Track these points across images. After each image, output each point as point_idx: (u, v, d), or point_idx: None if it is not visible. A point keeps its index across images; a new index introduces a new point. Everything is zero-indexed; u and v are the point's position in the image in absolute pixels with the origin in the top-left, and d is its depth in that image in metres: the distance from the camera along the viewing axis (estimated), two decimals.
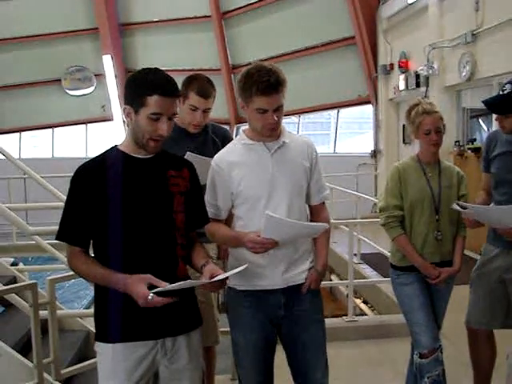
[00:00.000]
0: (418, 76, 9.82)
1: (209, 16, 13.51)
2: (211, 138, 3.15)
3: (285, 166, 2.42)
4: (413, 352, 3.08)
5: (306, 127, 14.20)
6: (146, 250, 2.08)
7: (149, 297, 1.92)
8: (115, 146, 2.17)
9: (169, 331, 2.13)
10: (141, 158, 2.12)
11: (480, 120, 9.44)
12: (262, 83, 2.28)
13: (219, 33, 13.50)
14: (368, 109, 12.79)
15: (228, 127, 12.58)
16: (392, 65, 11.31)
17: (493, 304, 3.10)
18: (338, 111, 13.40)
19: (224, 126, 3.65)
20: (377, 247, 6.78)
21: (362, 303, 7.32)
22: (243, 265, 2.20)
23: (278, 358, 2.54)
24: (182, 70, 11.43)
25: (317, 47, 12.59)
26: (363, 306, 7.23)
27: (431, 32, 9.32)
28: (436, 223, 2.99)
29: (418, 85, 9.85)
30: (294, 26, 12.54)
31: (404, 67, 10.62)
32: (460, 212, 2.93)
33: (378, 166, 12.49)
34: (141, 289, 1.94)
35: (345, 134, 14.07)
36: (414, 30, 10.25)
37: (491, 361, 3.20)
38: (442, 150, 3.16)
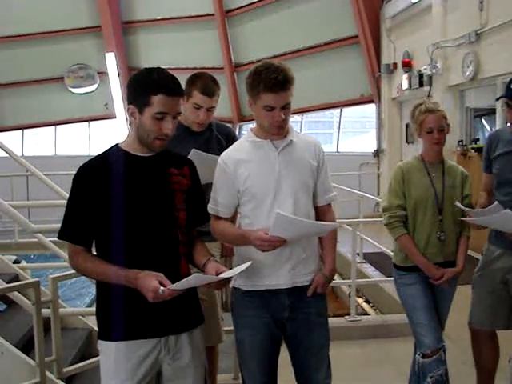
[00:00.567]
0: (422, 75, 9.78)
1: (212, 14, 13.50)
2: (215, 137, 3.13)
3: (291, 165, 2.41)
4: (415, 352, 3.07)
5: (309, 126, 14.17)
6: (149, 248, 2.08)
7: (159, 290, 1.93)
8: (116, 145, 2.17)
9: (172, 329, 2.12)
10: (142, 157, 2.13)
11: (483, 120, 9.42)
12: (270, 80, 2.28)
13: (222, 31, 13.49)
14: (371, 108, 12.77)
15: (231, 126, 12.57)
16: (395, 64, 11.28)
17: (495, 305, 3.09)
18: (341, 110, 13.37)
19: (228, 125, 3.64)
20: (379, 247, 6.77)
21: (365, 303, 7.30)
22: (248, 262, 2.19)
23: (281, 358, 2.54)
24: (185, 69, 11.42)
25: (320, 46, 12.57)
26: (365, 306, 7.21)
27: (435, 31, 9.28)
28: (439, 223, 2.98)
29: (422, 84, 9.81)
30: (298, 25, 12.53)
31: (407, 66, 10.57)
32: (463, 212, 2.93)
33: (381, 166, 12.48)
34: (153, 282, 1.94)
35: (348, 133, 14.04)
36: (418, 30, 10.21)
37: (494, 361, 3.19)
38: (445, 150, 3.14)
